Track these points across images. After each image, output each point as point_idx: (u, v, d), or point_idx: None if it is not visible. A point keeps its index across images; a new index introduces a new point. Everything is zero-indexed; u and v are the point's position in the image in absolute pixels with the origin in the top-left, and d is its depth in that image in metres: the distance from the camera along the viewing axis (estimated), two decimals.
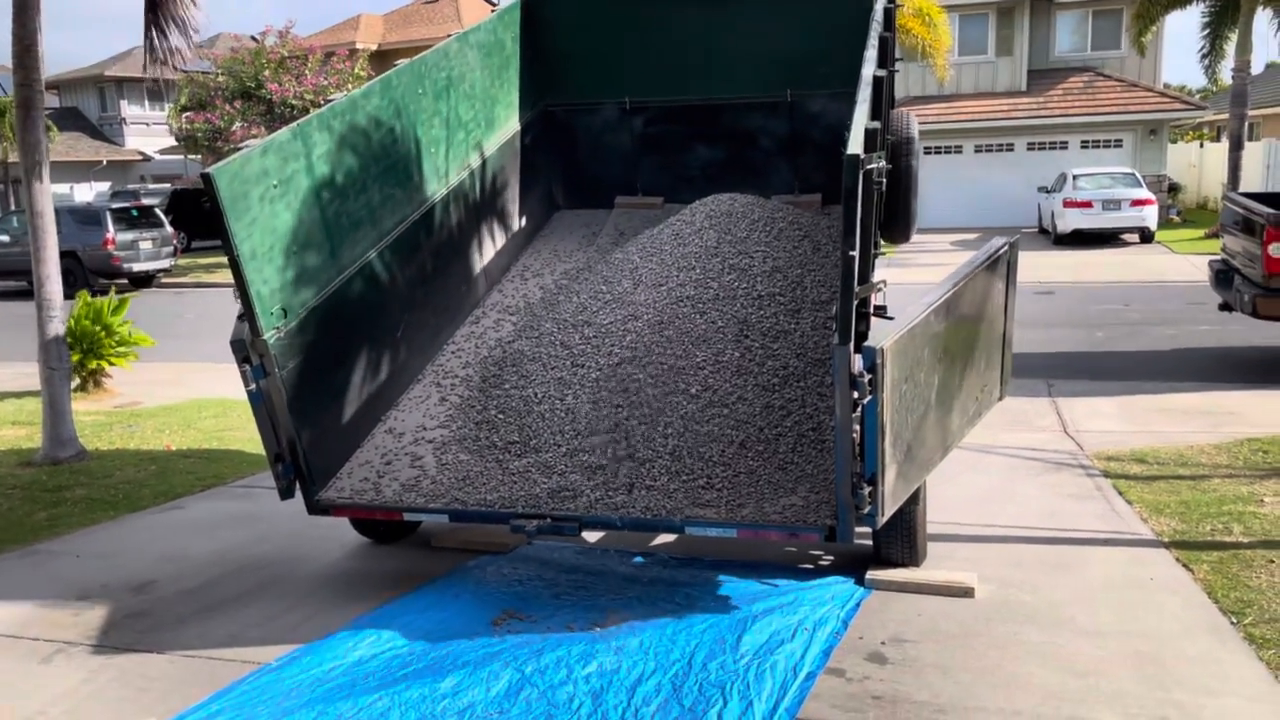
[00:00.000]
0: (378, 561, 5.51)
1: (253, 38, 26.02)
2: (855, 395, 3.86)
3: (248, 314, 4.54)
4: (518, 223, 7.24)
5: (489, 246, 6.82)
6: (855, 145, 3.92)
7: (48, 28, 7.74)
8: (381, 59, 31.32)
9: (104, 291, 10.66)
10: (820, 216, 6.86)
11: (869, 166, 3.99)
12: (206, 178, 4.35)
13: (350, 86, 22.74)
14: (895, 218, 6.25)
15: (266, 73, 23.66)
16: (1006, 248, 5.02)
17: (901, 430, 4.15)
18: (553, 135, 7.70)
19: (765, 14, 7.23)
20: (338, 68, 24.66)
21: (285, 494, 4.85)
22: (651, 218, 7.26)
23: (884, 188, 4.44)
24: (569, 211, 7.82)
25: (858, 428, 3.95)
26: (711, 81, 7.43)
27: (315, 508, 4.94)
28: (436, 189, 6.12)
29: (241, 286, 4.49)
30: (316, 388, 4.97)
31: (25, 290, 19.96)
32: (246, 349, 4.56)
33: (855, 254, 3.88)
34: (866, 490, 4.01)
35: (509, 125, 7.15)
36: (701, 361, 5.36)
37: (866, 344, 3.87)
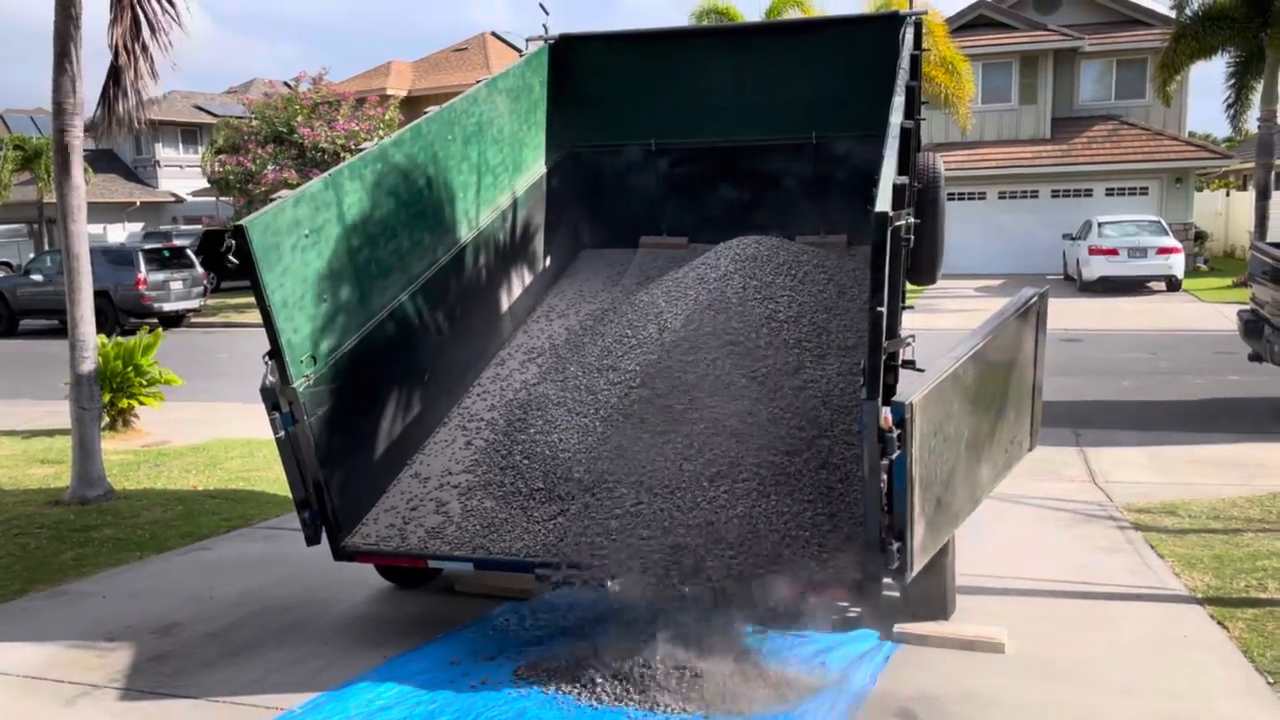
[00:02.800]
0: (401, 606, 5.50)
1: (286, 84, 26.51)
2: (884, 450, 3.83)
3: (278, 363, 4.57)
4: (543, 263, 7.29)
5: (515, 287, 6.86)
6: (883, 202, 3.93)
7: (85, 73, 7.94)
8: (412, 105, 31.80)
9: (134, 331, 10.77)
10: (845, 258, 6.85)
11: (897, 223, 3.99)
12: (239, 230, 4.38)
13: (382, 132, 23.07)
14: (921, 260, 6.23)
15: (299, 118, 24.06)
16: (1037, 298, 5.00)
17: (931, 484, 4.12)
18: (579, 176, 7.77)
19: (790, 57, 7.30)
20: (369, 114, 25.05)
21: (311, 541, 4.86)
22: (676, 258, 7.28)
23: (911, 241, 4.44)
24: (594, 251, 7.86)
25: (886, 478, 3.93)
26: (736, 123, 7.48)
27: (341, 554, 4.95)
28: (465, 233, 6.18)
29: (272, 336, 4.52)
30: (344, 433, 4.99)
31: (56, 329, 20.23)
32: (275, 396, 4.59)
33: (883, 310, 3.87)
34: (895, 545, 3.97)
35: (536, 168, 7.23)
36: (727, 411, 5.34)
37: (895, 399, 3.85)
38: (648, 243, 7.73)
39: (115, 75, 7.85)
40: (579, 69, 7.50)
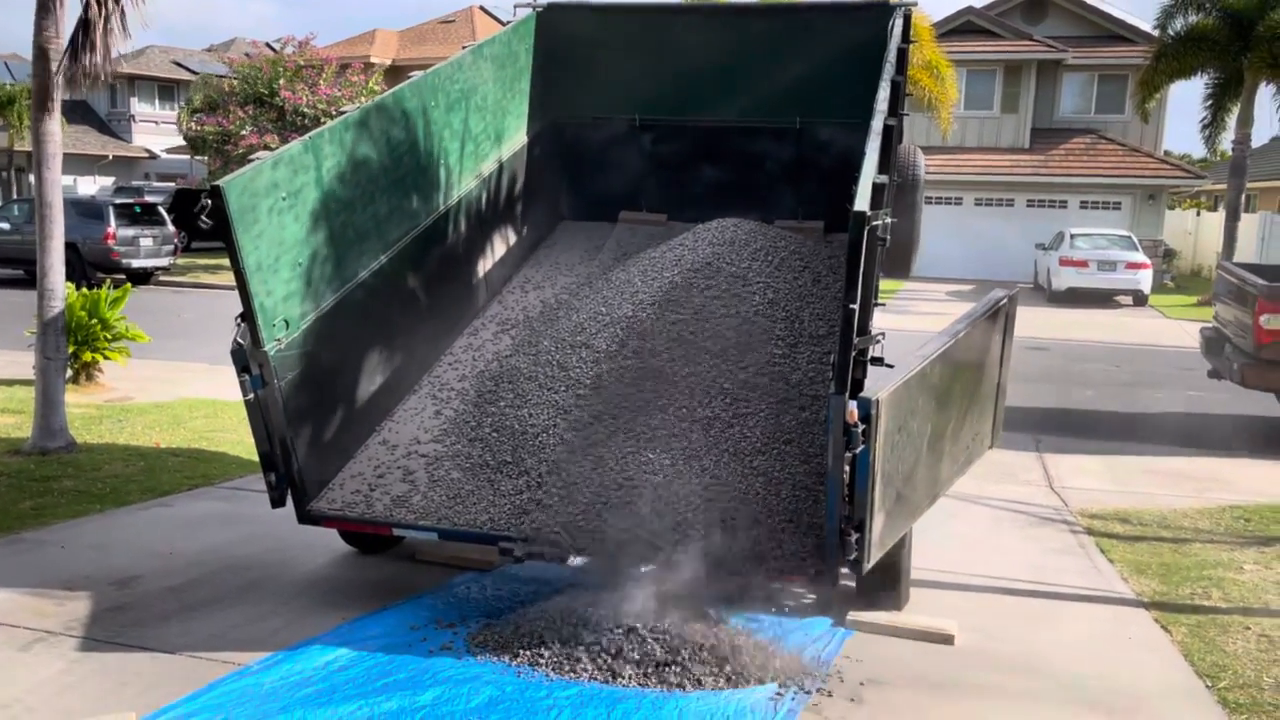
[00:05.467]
0: (362, 571, 5.52)
1: (269, 45, 26.20)
2: (848, 443, 3.89)
3: (250, 325, 4.55)
4: (521, 233, 7.25)
5: (491, 257, 6.83)
6: (863, 202, 3.96)
7: (69, 18, 7.82)
8: (396, 75, 31.52)
9: (100, 284, 10.64)
10: (821, 245, 6.85)
11: (875, 223, 4.03)
12: (216, 190, 4.34)
13: (363, 100, 22.85)
14: (898, 251, 6.25)
15: (281, 81, 23.79)
16: (1006, 300, 5.10)
17: (892, 478, 4.20)
18: (561, 148, 7.71)
19: (779, 40, 7.28)
20: (352, 80, 24.82)
21: (276, 503, 4.86)
22: (654, 234, 7.25)
23: (888, 241, 4.49)
24: (573, 223, 7.80)
25: (848, 471, 3.99)
26: (721, 104, 7.43)
27: (306, 518, 4.95)
28: (444, 201, 6.16)
29: (245, 298, 4.50)
30: (314, 398, 4.99)
31: (19, 279, 19.90)
32: (246, 358, 4.58)
33: (855, 307, 3.92)
34: (854, 537, 4.04)
35: (518, 137, 7.18)
36: (696, 396, 5.39)
37: (862, 395, 3.90)
38: (627, 218, 7.68)
39: (85, 26, 7.72)
40: (566, 39, 7.41)
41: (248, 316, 4.55)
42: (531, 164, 7.33)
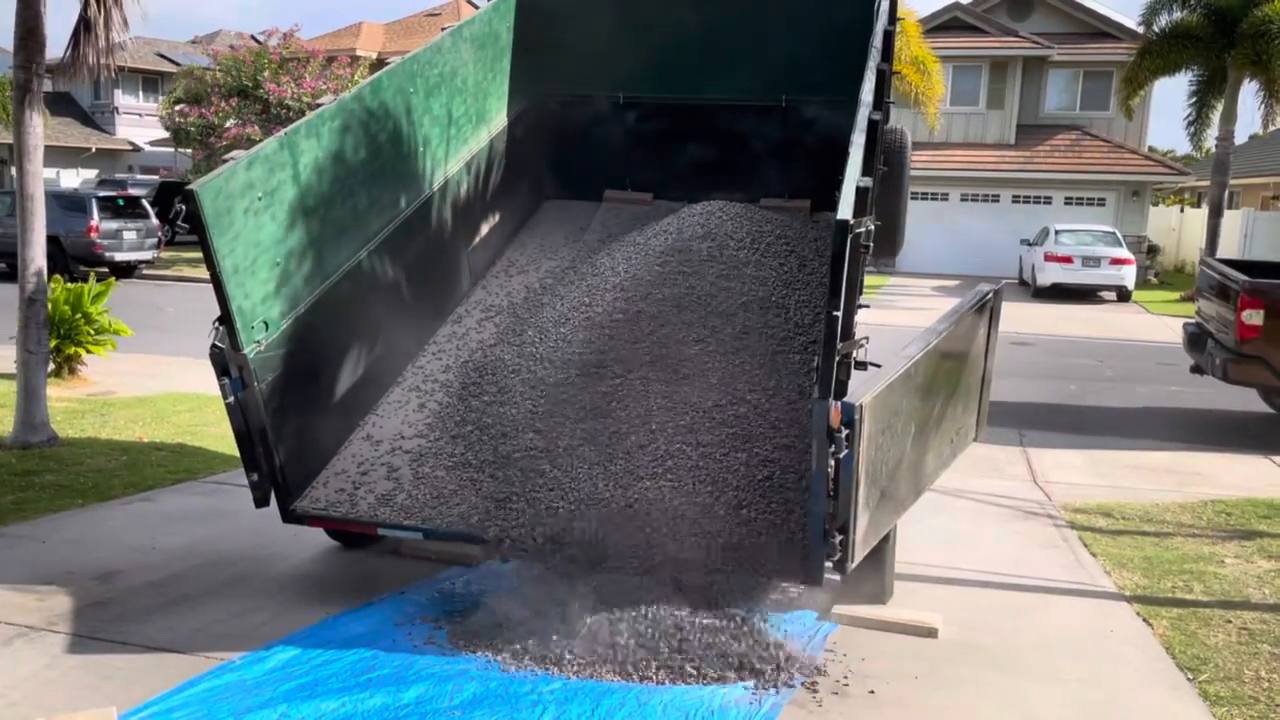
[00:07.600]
0: (346, 566, 5.50)
1: (254, 38, 26.06)
2: (832, 446, 3.89)
3: (228, 329, 4.49)
4: (505, 215, 7.15)
5: (475, 241, 6.74)
6: (845, 209, 3.91)
7: (49, 9, 7.77)
8: (381, 68, 31.36)
9: (84, 279, 10.58)
10: (808, 226, 6.79)
11: (858, 230, 4.00)
12: (189, 195, 4.29)
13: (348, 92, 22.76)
14: (884, 233, 6.21)
15: (266, 73, 23.66)
16: (991, 294, 5.11)
17: (876, 479, 4.20)
18: (544, 127, 7.58)
19: (764, 17, 7.18)
20: (337, 73, 24.70)
21: (260, 503, 4.81)
22: (640, 215, 7.17)
23: (872, 247, 4.46)
24: (557, 202, 7.69)
25: (833, 464, 3.98)
26: (706, 81, 7.33)
27: (290, 517, 4.91)
28: (425, 188, 6.08)
29: (223, 301, 4.45)
30: (296, 397, 4.93)
31: (1, 272, 19.72)
32: (225, 362, 4.52)
33: (839, 314, 3.90)
34: (838, 539, 4.05)
35: (500, 118, 7.09)
36: (682, 391, 5.38)
37: (845, 400, 3.89)
38: (611, 197, 7.56)
39: (85, 21, 7.72)
40: (548, 16, 7.28)
41: (225, 320, 4.50)
42: (514, 144, 7.22)
